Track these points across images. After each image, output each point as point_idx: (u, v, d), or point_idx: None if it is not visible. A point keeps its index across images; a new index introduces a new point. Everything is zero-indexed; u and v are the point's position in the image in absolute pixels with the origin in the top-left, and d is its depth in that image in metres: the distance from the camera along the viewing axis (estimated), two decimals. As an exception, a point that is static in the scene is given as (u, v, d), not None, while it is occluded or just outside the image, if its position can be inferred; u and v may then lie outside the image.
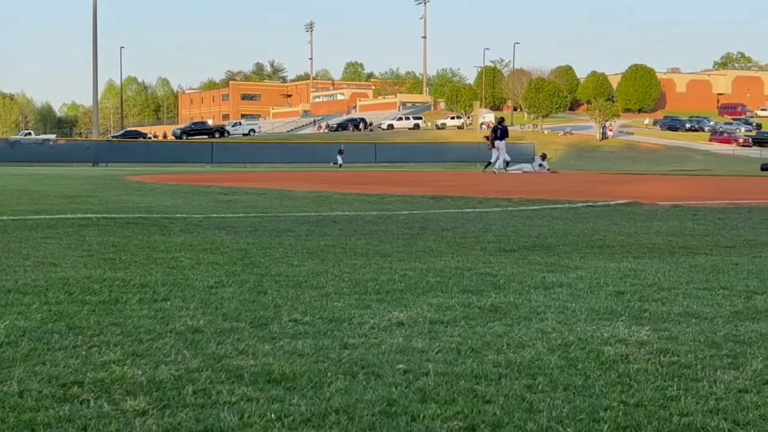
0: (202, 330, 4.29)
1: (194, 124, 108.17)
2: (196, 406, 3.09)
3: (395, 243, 8.28)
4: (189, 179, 26.16)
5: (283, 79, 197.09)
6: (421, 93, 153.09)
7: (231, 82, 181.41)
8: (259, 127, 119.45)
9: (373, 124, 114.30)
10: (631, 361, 3.72)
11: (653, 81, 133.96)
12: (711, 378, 3.45)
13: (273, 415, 2.98)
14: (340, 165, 55.91)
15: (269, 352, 3.85)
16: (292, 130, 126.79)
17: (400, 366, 3.61)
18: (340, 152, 59.43)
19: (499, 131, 35.53)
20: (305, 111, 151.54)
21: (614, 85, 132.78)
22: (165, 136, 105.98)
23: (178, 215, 11.36)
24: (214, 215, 11.46)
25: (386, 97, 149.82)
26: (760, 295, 5.38)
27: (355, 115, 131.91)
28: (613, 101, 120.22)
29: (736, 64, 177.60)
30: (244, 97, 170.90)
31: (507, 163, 36.56)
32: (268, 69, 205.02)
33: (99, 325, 4.38)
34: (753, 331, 4.30)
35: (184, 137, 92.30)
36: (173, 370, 3.54)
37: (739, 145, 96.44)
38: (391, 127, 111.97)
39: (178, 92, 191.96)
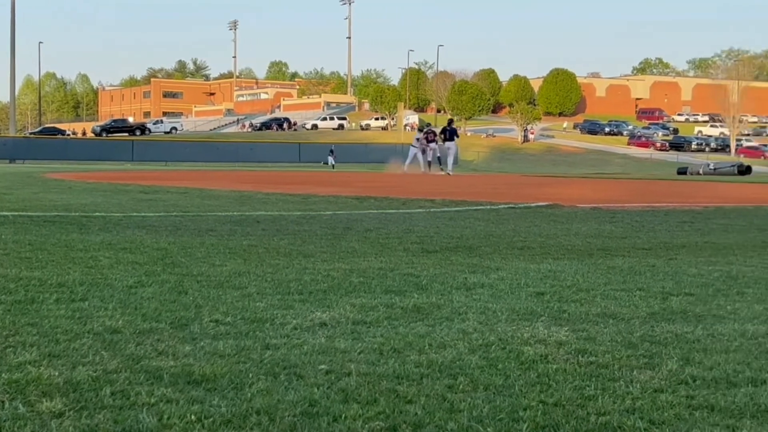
0: (121, 330, 4.22)
1: (114, 121, 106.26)
2: (114, 407, 3.04)
3: (319, 243, 8.27)
4: (109, 177, 25.74)
5: (206, 77, 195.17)
6: (345, 93, 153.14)
7: (153, 80, 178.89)
8: (181, 125, 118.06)
9: (297, 124, 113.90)
10: (550, 361, 3.77)
11: (574, 85, 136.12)
12: (628, 378, 3.52)
13: (193, 417, 2.95)
14: (333, 165, 55.48)
15: (189, 352, 3.81)
16: (215, 128, 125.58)
17: (323, 366, 3.61)
18: (331, 152, 59.16)
19: (448, 132, 35.81)
20: (228, 110, 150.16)
21: (536, 89, 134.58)
22: (84, 134, 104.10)
23: (97, 214, 11.17)
24: (135, 214, 11.29)
25: (310, 97, 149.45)
26: (676, 296, 5.50)
27: (279, 114, 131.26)
28: (534, 105, 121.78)
29: (654, 70, 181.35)
30: (166, 95, 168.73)
31: (429, 164, 36.83)
32: (191, 67, 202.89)
33: (14, 325, 4.29)
34: (668, 332, 4.40)
35: (104, 135, 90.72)
36: (91, 371, 3.48)
37: (657, 149, 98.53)
38: (315, 127, 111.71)
39: (98, 89, 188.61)
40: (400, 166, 36.80)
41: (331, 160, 57.87)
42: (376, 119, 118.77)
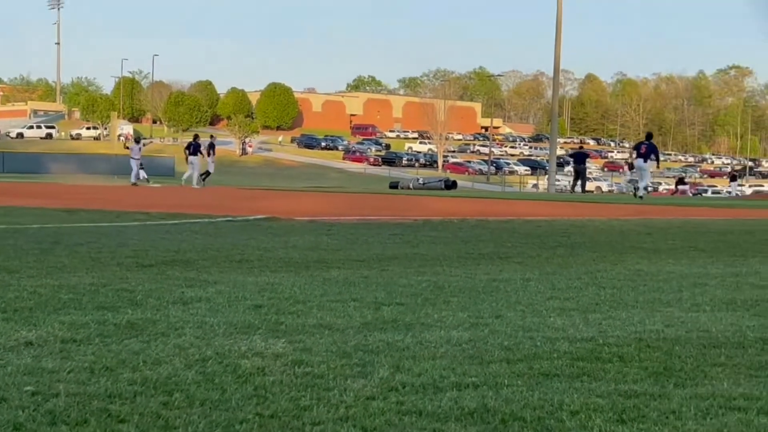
0: None
1: None
2: None
3: (24, 258, 7.83)
4: None
5: None
6: (54, 101, 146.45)
7: None
8: None
9: (1, 132, 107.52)
10: (267, 373, 3.79)
11: (291, 99, 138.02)
12: (342, 387, 3.60)
13: None
14: (147, 179, 51.64)
15: None
16: None
17: (28, 388, 3.42)
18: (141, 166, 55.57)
19: (192, 147, 35.75)
20: None
21: (254, 102, 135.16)
22: None
23: None
24: None
25: (15, 104, 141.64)
26: (387, 306, 5.70)
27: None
28: (252, 118, 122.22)
29: (367, 87, 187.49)
30: None
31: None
32: None
33: None
34: (381, 341, 4.55)
35: None
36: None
37: (370, 164, 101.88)
38: (21, 135, 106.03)
39: None
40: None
41: (143, 174, 55.00)
42: (88, 129, 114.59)
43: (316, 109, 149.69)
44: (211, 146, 38.13)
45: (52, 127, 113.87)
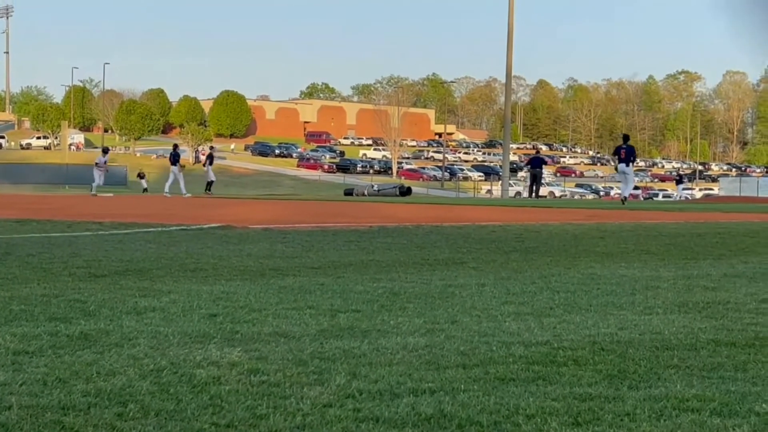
0: None
1: None
2: None
3: (-26, 270, 7.72)
4: None
5: None
6: (3, 111, 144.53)
7: None
8: None
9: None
10: (222, 382, 3.77)
11: (244, 107, 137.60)
12: (298, 395, 3.59)
13: None
14: (145, 189, 53.90)
15: None
16: None
17: None
18: (142, 176, 58.11)
19: (172, 156, 37.15)
20: None
21: (207, 110, 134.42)
22: None
23: None
24: None
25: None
26: (343, 313, 5.70)
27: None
28: (205, 126, 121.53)
29: (320, 94, 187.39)
30: None
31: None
32: None
33: None
34: (337, 348, 4.55)
35: None
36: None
37: (325, 171, 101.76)
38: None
39: None
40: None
41: (143, 183, 56.24)
42: (38, 138, 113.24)
43: (270, 117, 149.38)
44: (210, 157, 39.99)
45: (2, 137, 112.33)
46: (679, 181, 64.20)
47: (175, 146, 39.56)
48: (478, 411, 3.38)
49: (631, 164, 27.55)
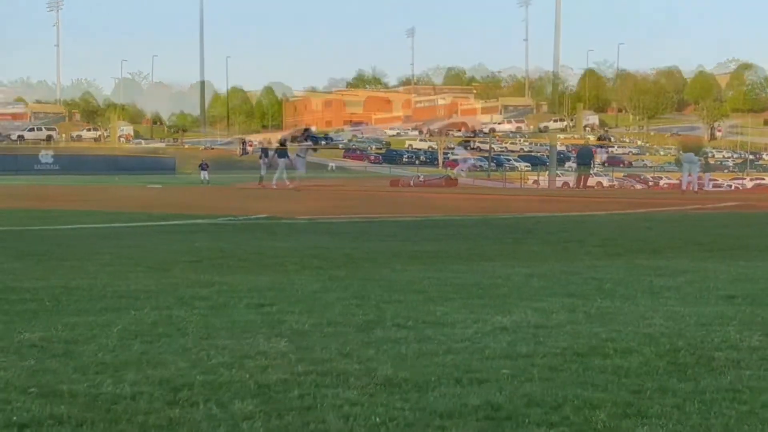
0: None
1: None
2: (302, 409, 3.11)
3: (495, 247, 9.14)
4: None
5: (385, 85, 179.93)
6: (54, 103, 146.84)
7: (334, 90, 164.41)
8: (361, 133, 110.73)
9: (1, 134, 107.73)
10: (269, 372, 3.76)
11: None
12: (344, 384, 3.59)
13: (377, 419, 3.02)
14: (207, 181, 52.50)
15: (373, 356, 3.94)
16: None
17: (505, 371, 3.75)
18: (206, 166, 56.70)
19: (273, 152, 36.46)
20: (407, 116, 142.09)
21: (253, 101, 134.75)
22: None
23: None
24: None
25: (15, 106, 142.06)
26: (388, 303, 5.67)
27: None
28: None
29: (367, 86, 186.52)
30: (347, 104, 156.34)
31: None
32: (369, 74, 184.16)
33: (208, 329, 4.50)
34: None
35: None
36: (280, 373, 3.55)
37: (371, 162, 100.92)
38: (21, 138, 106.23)
39: (282, 100, 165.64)
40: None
41: (204, 175, 55.33)
42: (88, 130, 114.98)
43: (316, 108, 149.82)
44: (264, 151, 39.77)
45: (53, 129, 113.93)
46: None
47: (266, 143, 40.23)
48: (525, 402, 3.38)
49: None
